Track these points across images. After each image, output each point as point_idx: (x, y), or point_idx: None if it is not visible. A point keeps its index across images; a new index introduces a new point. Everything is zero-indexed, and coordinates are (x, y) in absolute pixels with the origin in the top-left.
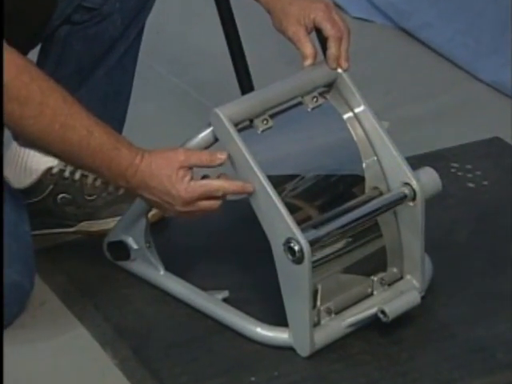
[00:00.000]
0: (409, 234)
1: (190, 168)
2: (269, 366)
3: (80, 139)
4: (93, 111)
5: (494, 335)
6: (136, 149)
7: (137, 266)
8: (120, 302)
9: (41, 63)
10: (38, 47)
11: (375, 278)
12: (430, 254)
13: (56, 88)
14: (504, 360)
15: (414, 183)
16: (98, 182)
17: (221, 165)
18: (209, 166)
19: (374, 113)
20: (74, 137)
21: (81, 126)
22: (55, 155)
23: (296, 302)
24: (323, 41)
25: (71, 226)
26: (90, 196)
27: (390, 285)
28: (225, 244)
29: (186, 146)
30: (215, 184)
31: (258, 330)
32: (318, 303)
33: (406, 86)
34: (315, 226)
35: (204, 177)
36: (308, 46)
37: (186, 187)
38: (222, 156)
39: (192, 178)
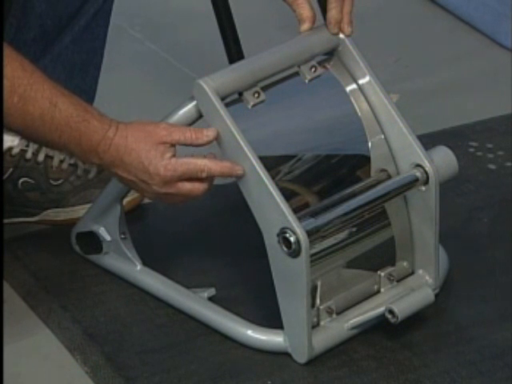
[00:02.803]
0: (421, 222)
1: (172, 145)
2: (261, 373)
3: (42, 112)
4: (58, 82)
5: None
6: (109, 120)
7: (110, 261)
8: (91, 302)
9: None
10: None
11: (382, 274)
12: (445, 245)
13: (14, 56)
14: None
15: (427, 165)
16: (65, 165)
17: (208, 143)
18: (193, 145)
19: (381, 84)
20: (36, 110)
21: (43, 98)
22: (17, 132)
23: (292, 300)
24: (323, 2)
25: (34, 215)
26: (55, 180)
27: (399, 281)
28: (211, 235)
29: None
30: (199, 163)
31: (249, 332)
32: (318, 302)
33: (418, 53)
34: (314, 214)
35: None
36: (305, 8)
37: (166, 164)
38: (209, 133)
39: (174, 156)
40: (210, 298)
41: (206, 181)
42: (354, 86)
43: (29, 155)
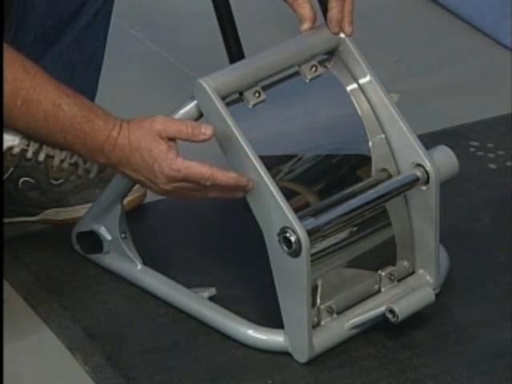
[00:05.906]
0: (421, 222)
1: (172, 140)
2: (261, 373)
3: (46, 114)
4: (62, 82)
5: None
6: (113, 119)
7: (111, 260)
8: (91, 302)
9: None
10: None
11: (383, 273)
12: (446, 245)
13: (15, 57)
14: None
15: (428, 164)
16: (66, 164)
17: (204, 141)
18: (190, 141)
19: (382, 84)
20: (39, 112)
21: (46, 99)
22: (22, 133)
23: (293, 300)
24: (323, 1)
25: (35, 215)
26: (56, 180)
27: (399, 280)
28: (211, 234)
29: None
30: (204, 171)
31: (250, 332)
32: (318, 301)
33: (419, 53)
34: (314, 214)
35: None
36: (306, 7)
37: (170, 164)
38: (206, 131)
39: (178, 155)
40: (211, 298)
41: (208, 188)
42: (354, 85)
43: (29, 155)
